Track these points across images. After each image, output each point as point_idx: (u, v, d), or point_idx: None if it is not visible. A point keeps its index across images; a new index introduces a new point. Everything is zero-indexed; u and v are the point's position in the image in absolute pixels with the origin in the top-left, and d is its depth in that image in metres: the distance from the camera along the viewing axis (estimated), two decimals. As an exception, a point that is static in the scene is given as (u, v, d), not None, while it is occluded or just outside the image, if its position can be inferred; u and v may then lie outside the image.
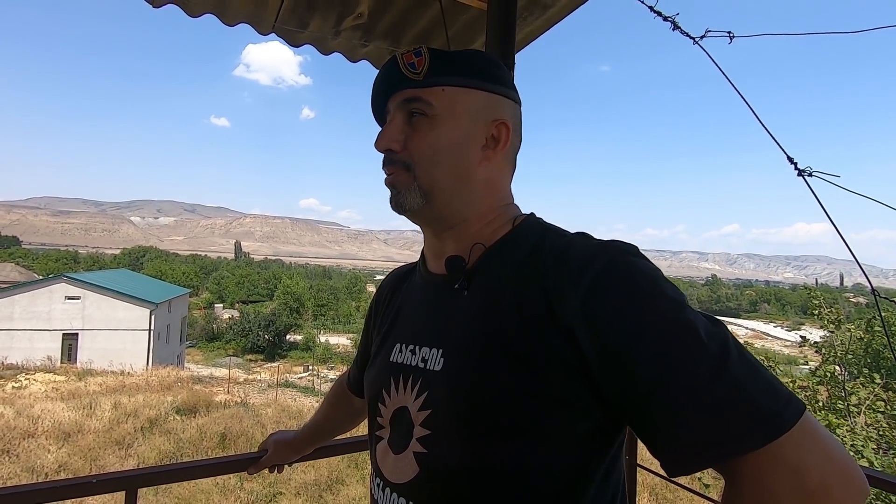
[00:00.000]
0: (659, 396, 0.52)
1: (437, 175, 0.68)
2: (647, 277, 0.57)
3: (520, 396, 0.58)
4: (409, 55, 0.69)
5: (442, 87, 0.69)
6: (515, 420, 0.58)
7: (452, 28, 2.19)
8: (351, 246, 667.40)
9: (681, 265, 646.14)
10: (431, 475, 0.63)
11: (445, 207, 0.70)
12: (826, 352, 6.30)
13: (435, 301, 0.72)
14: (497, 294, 0.64)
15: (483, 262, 0.68)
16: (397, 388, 0.70)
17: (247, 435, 12.21)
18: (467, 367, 0.62)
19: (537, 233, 0.68)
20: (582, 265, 0.58)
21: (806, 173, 1.31)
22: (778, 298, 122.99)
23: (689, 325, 0.54)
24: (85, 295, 25.46)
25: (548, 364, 0.57)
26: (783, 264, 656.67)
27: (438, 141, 0.68)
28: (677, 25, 1.56)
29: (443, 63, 0.69)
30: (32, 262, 77.43)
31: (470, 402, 0.60)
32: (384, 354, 0.76)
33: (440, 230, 0.72)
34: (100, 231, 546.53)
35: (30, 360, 22.88)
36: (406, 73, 0.68)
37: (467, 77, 0.70)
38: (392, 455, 0.68)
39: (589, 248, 0.60)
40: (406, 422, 0.67)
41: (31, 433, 11.54)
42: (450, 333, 0.67)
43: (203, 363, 36.18)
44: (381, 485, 0.70)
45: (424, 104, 0.68)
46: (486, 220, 0.71)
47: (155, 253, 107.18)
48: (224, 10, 2.03)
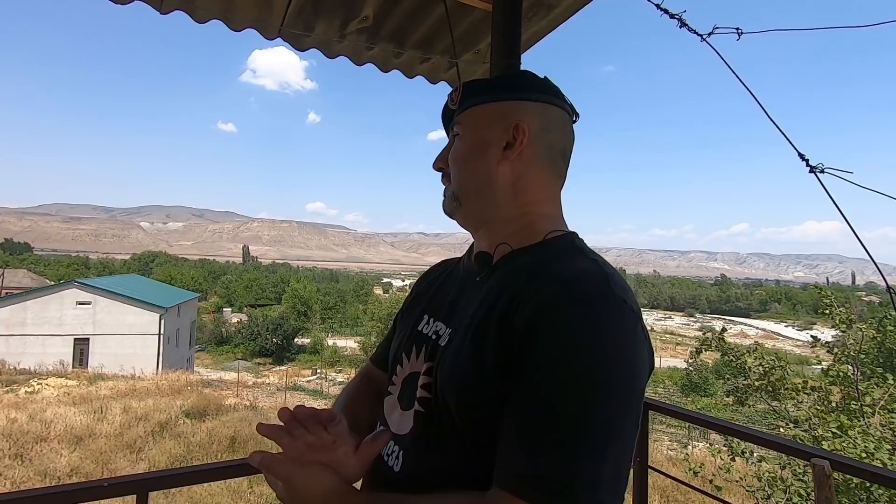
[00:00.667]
0: (518, 414, 0.60)
1: (461, 180, 0.81)
2: (591, 322, 0.61)
3: (489, 376, 0.65)
4: (452, 94, 0.84)
5: (467, 110, 0.82)
6: (487, 397, 0.65)
7: (458, 30, 2.19)
8: (358, 249, 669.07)
9: (689, 265, 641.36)
10: (420, 433, 0.73)
11: (473, 208, 0.81)
12: (838, 351, 6.22)
13: (463, 288, 0.82)
14: (501, 290, 0.71)
15: (506, 262, 0.76)
16: (416, 354, 0.80)
17: (256, 439, 12.24)
18: (462, 344, 0.71)
19: (558, 248, 0.75)
20: (548, 288, 0.64)
21: (818, 170, 1.29)
22: (788, 298, 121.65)
23: (590, 382, 0.58)
24: (96, 300, 25.72)
25: (503, 355, 0.64)
26: (793, 263, 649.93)
27: (462, 152, 0.81)
28: (684, 23, 1.54)
29: (471, 90, 0.82)
30: (44, 268, 78.32)
31: (456, 375, 0.69)
32: (412, 322, 0.87)
33: (475, 229, 0.84)
34: (110, 237, 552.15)
35: (42, 365, 23.13)
36: (451, 107, 0.84)
37: (483, 95, 0.81)
38: (399, 410, 0.79)
39: (566, 275, 0.66)
40: (413, 384, 0.77)
41: (44, 437, 11.65)
42: (461, 315, 0.76)
43: (212, 367, 36.40)
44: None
45: (458, 126, 0.83)
46: (513, 220, 0.78)
47: (164, 258, 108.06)
48: (230, 15, 2.04)
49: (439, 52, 2.39)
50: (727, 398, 6.95)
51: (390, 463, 0.75)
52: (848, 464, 1.32)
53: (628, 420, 0.60)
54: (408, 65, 2.48)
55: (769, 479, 5.16)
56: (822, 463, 1.21)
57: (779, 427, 5.69)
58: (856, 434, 4.94)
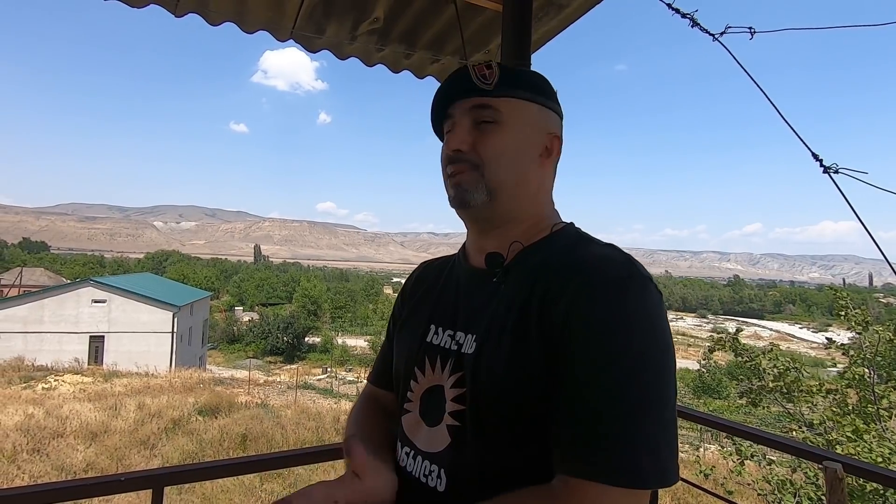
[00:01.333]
0: (574, 398, 0.62)
1: (502, 176, 0.76)
2: (634, 303, 0.64)
3: (535, 372, 0.66)
4: (480, 67, 0.77)
5: (510, 98, 0.76)
6: (537, 397, 0.65)
7: (467, 30, 2.19)
8: (368, 249, 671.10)
9: (702, 265, 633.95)
10: (461, 446, 0.70)
11: (506, 205, 0.77)
12: (854, 353, 6.11)
13: (473, 292, 0.79)
14: (528, 288, 0.71)
15: (518, 260, 0.76)
16: (433, 367, 0.78)
17: (267, 436, 12.35)
18: (496, 348, 0.69)
19: (572, 240, 0.77)
20: (584, 276, 0.66)
21: (832, 170, 1.27)
22: (803, 299, 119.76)
23: (638, 357, 0.62)
24: (111, 298, 26.09)
25: (551, 351, 0.65)
26: (808, 264, 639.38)
27: (506, 145, 0.76)
28: (696, 22, 1.53)
29: (510, 77, 0.77)
30: (60, 266, 79.67)
31: (497, 379, 0.68)
32: (418, 334, 0.83)
33: (490, 227, 0.79)
34: (124, 236, 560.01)
35: (58, 362, 23.53)
36: (478, 83, 0.76)
37: (528, 91, 0.78)
38: (426, 427, 0.75)
39: (599, 262, 0.68)
40: (439, 398, 0.74)
41: (60, 433, 11.85)
42: (483, 321, 0.74)
43: (224, 365, 36.76)
44: (410, 453, 0.76)
45: (494, 112, 0.76)
46: (531, 221, 0.79)
47: (177, 257, 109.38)
48: (243, 18, 2.07)
49: (449, 53, 2.39)
50: (740, 400, 6.87)
51: (431, 483, 0.71)
52: (861, 467, 1.31)
53: (672, 389, 0.64)
54: (418, 66, 2.49)
55: (779, 482, 5.09)
56: (834, 466, 1.19)
57: (792, 430, 5.61)
58: (871, 438, 4.85)
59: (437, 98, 0.81)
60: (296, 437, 12.34)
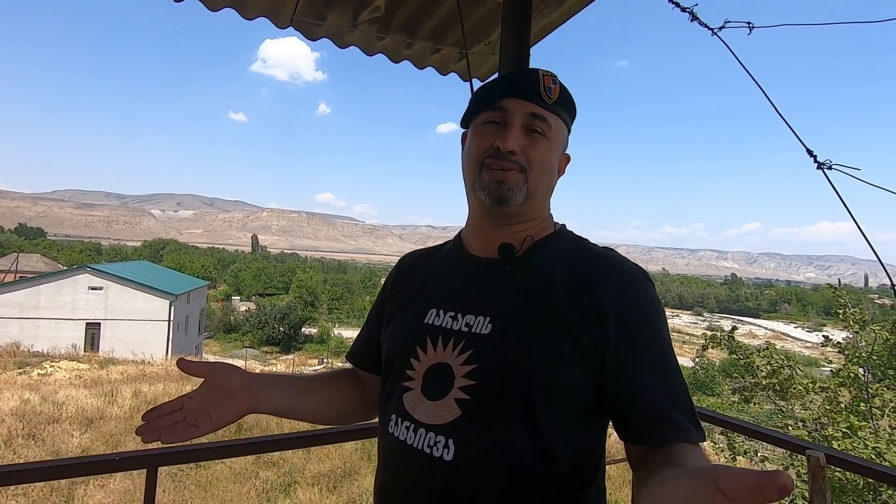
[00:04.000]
0: (650, 381, 0.73)
1: (540, 183, 0.84)
2: (656, 298, 0.80)
3: (563, 358, 0.74)
4: (548, 78, 0.83)
5: (557, 116, 0.85)
6: (556, 375, 0.73)
7: (468, 21, 2.19)
8: (366, 240, 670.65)
9: (699, 263, 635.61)
10: (473, 418, 0.75)
11: (534, 209, 0.86)
12: (850, 352, 6.15)
13: (481, 279, 0.85)
14: (547, 277, 0.80)
15: (531, 253, 0.84)
16: (434, 346, 0.82)
17: (262, 425, 12.41)
18: (519, 332, 0.77)
19: (574, 239, 0.88)
20: (624, 272, 0.79)
21: (826, 167, 1.28)
22: (799, 299, 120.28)
23: (669, 340, 0.78)
24: (107, 286, 26.05)
25: (584, 339, 0.74)
26: (805, 264, 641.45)
27: (549, 158, 0.84)
28: (695, 16, 1.53)
29: (564, 97, 0.85)
30: (57, 253, 79.40)
31: (520, 359, 0.75)
32: (415, 317, 0.87)
33: (509, 224, 0.86)
34: (122, 223, 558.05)
35: (55, 349, 23.54)
36: (542, 93, 0.82)
37: (568, 115, 0.87)
38: (427, 401, 0.79)
39: (628, 264, 0.82)
40: (446, 375, 0.79)
41: (56, 419, 11.88)
42: (499, 305, 0.80)
43: (220, 354, 36.82)
44: (410, 427, 0.79)
45: (546, 125, 0.83)
46: (539, 221, 0.88)
47: (174, 245, 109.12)
48: (243, 3, 2.05)
49: (450, 44, 2.39)
50: (733, 396, 6.94)
51: (436, 453, 0.75)
52: (842, 457, 1.33)
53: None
54: (418, 56, 2.48)
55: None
56: (816, 455, 1.23)
57: (787, 426, 5.66)
58: (866, 435, 4.91)
59: (496, 88, 0.85)
60: (290, 425, 12.40)
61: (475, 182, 0.84)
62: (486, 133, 0.83)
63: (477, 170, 0.83)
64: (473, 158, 0.84)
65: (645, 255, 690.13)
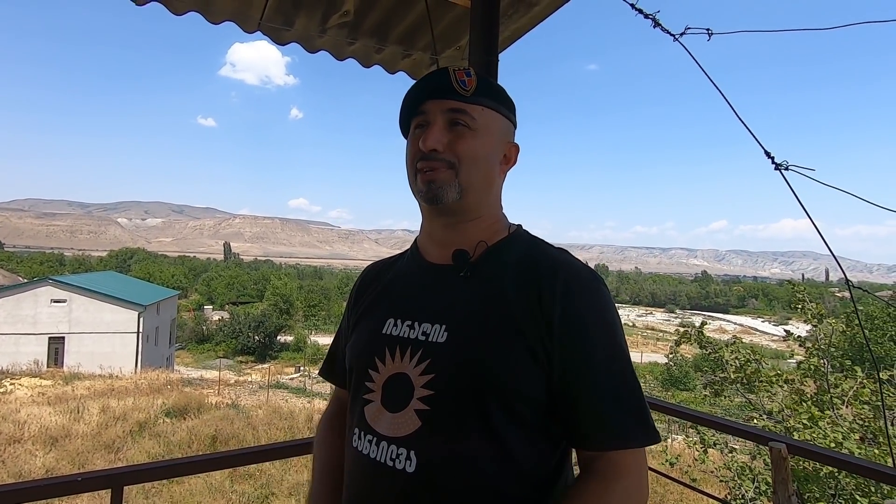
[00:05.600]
0: (593, 384, 0.74)
1: (474, 177, 0.82)
2: (606, 299, 0.79)
3: (518, 361, 0.74)
4: (461, 73, 0.83)
5: (482, 107, 0.83)
6: (513, 379, 0.73)
7: (438, 26, 2.20)
8: (342, 246, 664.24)
9: (671, 262, 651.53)
10: (433, 428, 0.74)
11: (473, 204, 0.84)
12: (810, 345, 6.40)
13: (436, 286, 0.84)
14: (499, 284, 0.79)
15: (485, 258, 0.83)
16: (392, 356, 0.81)
17: (238, 437, 12.11)
18: (474, 338, 0.76)
19: (528, 241, 0.86)
20: (571, 274, 0.78)
21: (783, 167, 1.33)
22: (765, 294, 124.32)
23: (619, 341, 0.78)
24: (71, 298, 25.05)
25: (535, 342, 0.74)
26: (770, 260, 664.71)
27: (479, 149, 0.82)
28: (658, 23, 1.58)
29: (484, 86, 0.84)
30: (17, 265, 76.06)
31: (477, 366, 0.74)
32: (373, 327, 0.86)
33: (455, 223, 0.85)
34: (86, 233, 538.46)
35: (15, 365, 22.48)
36: (456, 87, 0.81)
37: (497, 103, 0.85)
38: (388, 413, 0.78)
39: (577, 266, 0.81)
40: (404, 385, 0.78)
41: (18, 438, 11.35)
42: (453, 312, 0.79)
43: (193, 365, 35.80)
44: (373, 440, 0.78)
45: (469, 117, 0.81)
46: (490, 221, 0.87)
47: (143, 255, 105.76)
48: (208, 7, 2.02)
49: (421, 49, 2.39)
50: (704, 391, 7.14)
51: (399, 466, 0.74)
52: (803, 447, 1.39)
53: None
54: (389, 61, 2.48)
55: (739, 468, 5.32)
56: (778, 446, 1.27)
57: (753, 418, 5.84)
58: (826, 425, 5.10)
59: (413, 93, 0.85)
60: (268, 438, 12.14)
61: (412, 187, 0.85)
62: (415, 138, 0.83)
63: (413, 175, 0.84)
64: (409, 165, 0.85)
65: (619, 254, 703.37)
